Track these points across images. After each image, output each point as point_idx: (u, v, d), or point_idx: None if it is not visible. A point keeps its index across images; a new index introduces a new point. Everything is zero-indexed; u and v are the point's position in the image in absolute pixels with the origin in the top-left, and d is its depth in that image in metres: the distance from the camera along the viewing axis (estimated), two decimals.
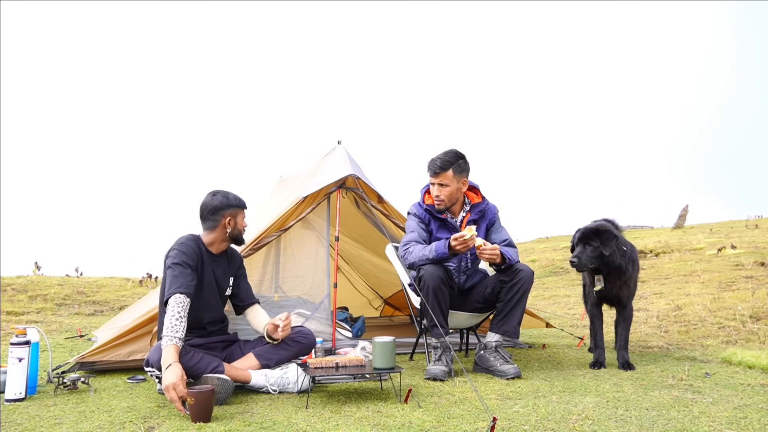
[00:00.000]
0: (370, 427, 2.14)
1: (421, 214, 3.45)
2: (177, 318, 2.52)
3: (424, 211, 3.45)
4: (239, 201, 2.96)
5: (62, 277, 9.46)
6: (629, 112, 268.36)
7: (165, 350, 2.43)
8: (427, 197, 3.51)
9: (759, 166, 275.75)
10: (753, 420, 2.22)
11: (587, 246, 3.29)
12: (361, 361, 2.72)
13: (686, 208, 16.18)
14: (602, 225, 3.35)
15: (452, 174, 3.33)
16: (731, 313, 4.91)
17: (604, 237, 3.27)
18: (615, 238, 3.29)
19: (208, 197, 2.93)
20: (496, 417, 2.05)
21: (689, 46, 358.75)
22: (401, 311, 6.16)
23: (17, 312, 6.34)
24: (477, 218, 3.47)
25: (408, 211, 3.56)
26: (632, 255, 3.44)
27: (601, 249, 3.26)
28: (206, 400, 2.23)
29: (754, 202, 68.77)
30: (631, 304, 3.49)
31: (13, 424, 2.21)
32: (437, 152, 3.41)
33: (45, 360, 3.43)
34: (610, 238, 3.27)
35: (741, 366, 3.29)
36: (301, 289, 3.91)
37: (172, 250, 2.80)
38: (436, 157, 3.37)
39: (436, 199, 3.38)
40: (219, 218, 2.89)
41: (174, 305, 2.55)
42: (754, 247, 9.25)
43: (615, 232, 3.32)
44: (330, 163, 4.21)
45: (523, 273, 3.23)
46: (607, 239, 3.27)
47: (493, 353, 3.20)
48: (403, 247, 3.37)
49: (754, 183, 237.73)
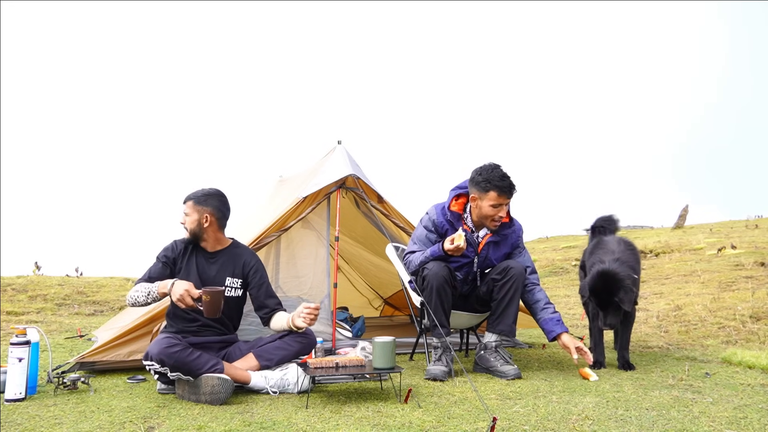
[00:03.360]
0: (370, 427, 2.14)
1: (440, 222, 3.26)
2: (142, 287, 2.79)
3: (444, 218, 3.26)
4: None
5: (62, 277, 9.45)
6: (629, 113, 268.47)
7: (156, 285, 2.74)
8: (455, 202, 3.30)
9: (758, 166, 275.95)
10: (753, 420, 2.22)
11: (609, 305, 3.13)
12: (361, 361, 2.72)
13: (686, 208, 16.17)
14: (615, 276, 3.13)
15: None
16: (731, 313, 4.91)
17: (621, 295, 3.09)
18: (632, 290, 3.12)
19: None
20: (496, 417, 2.05)
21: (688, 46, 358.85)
22: (401, 311, 6.15)
23: (17, 312, 6.33)
24: (498, 240, 3.30)
25: (426, 212, 3.36)
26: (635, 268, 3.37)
27: (621, 306, 3.12)
28: (217, 298, 2.64)
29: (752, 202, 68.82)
30: (634, 306, 3.49)
31: (13, 424, 2.21)
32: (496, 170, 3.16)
33: (45, 360, 3.42)
34: (628, 292, 3.10)
35: (741, 366, 3.29)
36: (301, 289, 3.90)
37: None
38: (506, 175, 3.15)
39: (496, 221, 3.18)
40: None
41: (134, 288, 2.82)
42: (754, 247, 9.24)
43: (629, 280, 3.12)
44: (330, 163, 4.21)
45: (514, 270, 3.19)
46: (625, 295, 3.09)
47: (494, 353, 3.20)
48: (405, 259, 3.34)
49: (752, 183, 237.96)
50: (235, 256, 3.01)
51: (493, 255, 3.33)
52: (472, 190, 3.23)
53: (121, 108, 75.17)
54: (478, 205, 3.20)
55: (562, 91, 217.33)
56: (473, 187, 3.22)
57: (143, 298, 2.78)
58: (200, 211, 2.93)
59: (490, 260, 3.33)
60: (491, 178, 3.14)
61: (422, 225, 3.36)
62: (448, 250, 3.08)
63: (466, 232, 3.23)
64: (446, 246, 3.08)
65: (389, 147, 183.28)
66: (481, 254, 3.31)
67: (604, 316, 3.17)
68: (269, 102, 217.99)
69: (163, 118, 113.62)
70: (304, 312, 2.78)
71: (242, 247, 3.09)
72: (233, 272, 2.98)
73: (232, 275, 2.98)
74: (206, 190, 2.99)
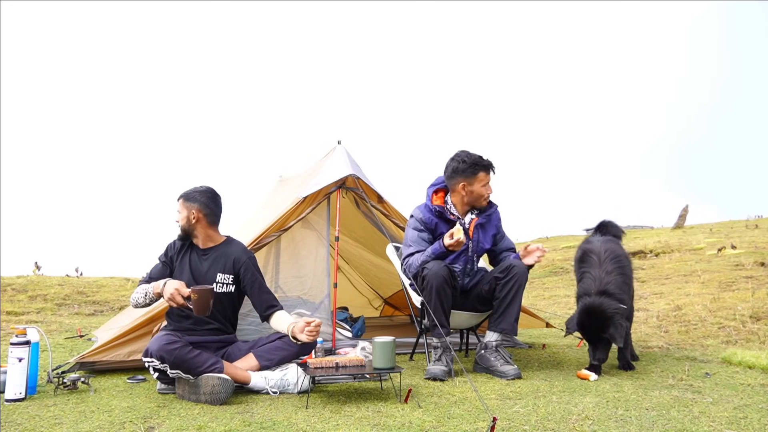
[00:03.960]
0: (370, 427, 2.14)
1: (427, 218, 3.34)
2: (141, 289, 2.91)
3: (431, 214, 3.35)
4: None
5: (62, 277, 9.45)
6: (629, 113, 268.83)
7: (152, 286, 2.84)
8: (435, 198, 3.41)
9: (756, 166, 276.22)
10: (753, 420, 2.22)
11: (598, 342, 3.04)
12: (361, 361, 2.72)
13: (686, 208, 16.16)
14: (603, 312, 3.02)
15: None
16: (731, 313, 4.91)
17: (612, 331, 2.99)
18: (622, 325, 3.01)
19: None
20: (496, 417, 2.05)
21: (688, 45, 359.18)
22: (401, 311, 6.15)
23: (17, 312, 6.34)
24: (484, 222, 3.43)
25: (411, 215, 3.44)
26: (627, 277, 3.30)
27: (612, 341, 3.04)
28: (206, 296, 2.69)
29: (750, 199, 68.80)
30: (632, 303, 3.48)
31: (13, 424, 2.21)
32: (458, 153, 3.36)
33: (45, 360, 3.42)
34: (619, 327, 3.00)
35: (741, 366, 3.29)
36: (301, 289, 3.90)
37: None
38: (481, 155, 3.33)
39: (486, 198, 3.35)
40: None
41: (135, 290, 2.93)
42: (754, 247, 9.24)
43: (618, 315, 3.01)
44: (330, 163, 4.21)
45: (517, 269, 3.22)
46: (616, 331, 2.99)
47: (494, 353, 3.20)
48: (405, 263, 3.34)
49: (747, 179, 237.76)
50: (226, 253, 3.02)
51: (483, 238, 3.45)
52: (457, 179, 3.33)
53: (122, 108, 75.28)
54: (469, 190, 3.33)
55: (562, 92, 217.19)
56: (458, 176, 3.32)
57: (142, 299, 2.88)
58: (188, 208, 2.98)
59: (482, 244, 3.45)
60: (474, 161, 3.30)
61: (411, 228, 3.40)
62: (449, 245, 3.09)
63: (455, 220, 3.35)
64: (446, 241, 3.10)
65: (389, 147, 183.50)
66: (473, 239, 3.40)
67: (594, 350, 3.06)
68: (269, 102, 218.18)
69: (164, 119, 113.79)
70: (306, 330, 2.79)
71: (235, 243, 3.09)
72: (224, 268, 2.98)
73: (223, 271, 2.98)
74: (196, 188, 3.04)
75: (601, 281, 3.16)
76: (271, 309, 2.98)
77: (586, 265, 3.34)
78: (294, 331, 2.83)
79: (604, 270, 3.21)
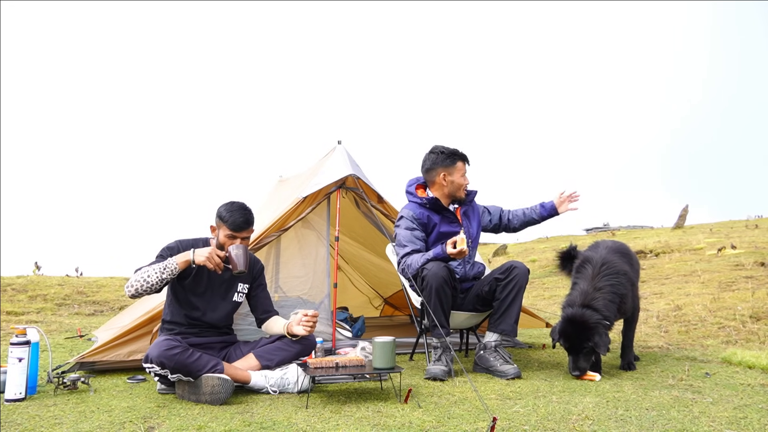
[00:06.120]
0: (370, 427, 2.14)
1: (419, 214, 3.39)
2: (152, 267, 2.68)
3: (422, 208, 3.42)
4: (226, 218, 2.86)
5: (62, 277, 9.46)
6: (629, 114, 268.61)
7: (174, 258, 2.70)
8: (420, 191, 3.53)
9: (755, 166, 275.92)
10: (753, 420, 2.22)
11: (579, 352, 3.00)
12: (361, 361, 2.72)
13: (686, 208, 16.17)
14: (586, 320, 3.00)
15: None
16: (731, 313, 4.91)
17: (597, 339, 2.96)
18: (606, 333, 3.00)
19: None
20: (496, 417, 2.05)
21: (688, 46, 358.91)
22: (401, 311, 6.16)
23: (17, 312, 6.34)
24: (467, 209, 3.57)
25: (400, 215, 3.45)
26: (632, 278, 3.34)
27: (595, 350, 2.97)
28: (244, 251, 2.77)
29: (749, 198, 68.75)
30: (637, 311, 3.48)
31: (13, 424, 2.21)
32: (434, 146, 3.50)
33: (45, 360, 3.42)
34: (603, 336, 2.98)
35: (741, 366, 3.29)
36: (301, 289, 3.91)
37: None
38: (455, 148, 3.47)
39: (465, 188, 3.47)
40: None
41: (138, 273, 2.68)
42: (754, 247, 9.24)
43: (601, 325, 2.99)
44: (330, 163, 4.21)
45: (518, 270, 3.23)
46: (600, 339, 2.97)
47: (493, 353, 3.20)
48: (402, 263, 3.32)
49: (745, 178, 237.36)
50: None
51: (471, 227, 3.55)
52: (437, 169, 3.45)
53: (122, 109, 75.28)
54: (449, 180, 3.43)
55: (562, 92, 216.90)
56: (438, 166, 3.44)
57: (156, 276, 2.64)
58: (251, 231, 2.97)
59: (472, 230, 3.54)
60: (451, 152, 3.45)
61: (403, 228, 3.39)
62: (452, 254, 3.07)
63: (447, 208, 3.44)
64: (449, 250, 3.07)
65: (389, 147, 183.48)
66: (464, 224, 3.50)
67: (574, 361, 3.02)
68: (270, 102, 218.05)
69: (164, 119, 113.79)
70: (304, 320, 2.79)
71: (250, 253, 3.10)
72: (245, 277, 2.99)
73: (244, 281, 2.99)
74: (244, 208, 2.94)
75: (587, 296, 3.11)
76: (268, 313, 3.05)
77: (579, 276, 3.29)
78: (290, 327, 2.86)
79: (594, 285, 3.15)
